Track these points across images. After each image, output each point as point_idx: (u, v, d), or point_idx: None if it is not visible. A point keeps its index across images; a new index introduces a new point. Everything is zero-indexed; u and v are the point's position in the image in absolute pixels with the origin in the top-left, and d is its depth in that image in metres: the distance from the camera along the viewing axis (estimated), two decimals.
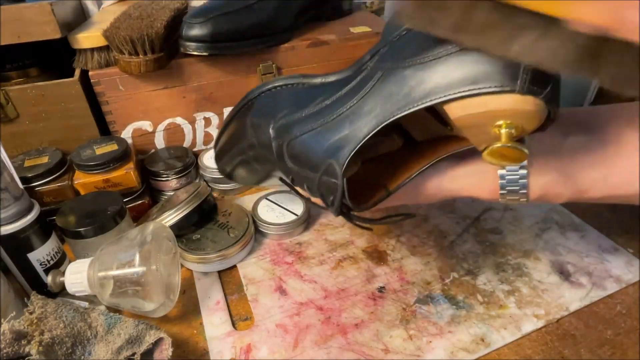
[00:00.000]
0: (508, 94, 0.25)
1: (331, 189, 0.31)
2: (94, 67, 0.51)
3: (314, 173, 0.32)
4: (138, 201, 0.50)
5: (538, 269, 0.43)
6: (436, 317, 0.38)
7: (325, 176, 0.31)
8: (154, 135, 0.56)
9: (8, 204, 0.35)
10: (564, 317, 0.38)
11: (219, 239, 0.44)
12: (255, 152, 0.40)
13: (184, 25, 0.49)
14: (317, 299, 0.40)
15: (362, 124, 0.30)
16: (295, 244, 0.47)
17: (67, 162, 0.49)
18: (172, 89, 0.53)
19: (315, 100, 0.35)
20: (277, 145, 0.36)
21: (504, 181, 0.32)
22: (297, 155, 0.34)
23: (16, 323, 0.30)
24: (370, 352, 0.35)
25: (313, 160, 0.32)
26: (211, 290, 0.42)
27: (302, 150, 0.34)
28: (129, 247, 0.36)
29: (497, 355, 0.35)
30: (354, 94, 0.32)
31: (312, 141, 0.33)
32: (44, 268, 0.39)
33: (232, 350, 0.36)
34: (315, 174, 0.32)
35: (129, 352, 0.31)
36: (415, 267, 0.44)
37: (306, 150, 0.33)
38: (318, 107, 0.34)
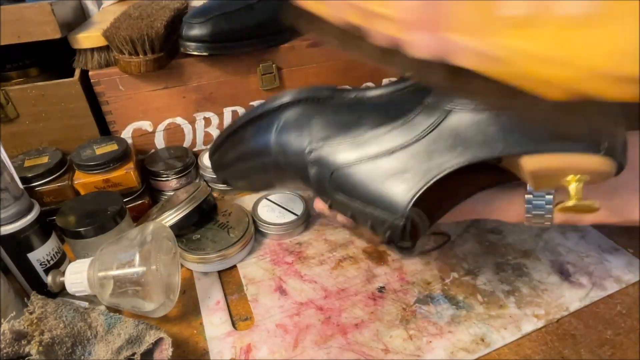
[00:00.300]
0: (591, 155, 0.26)
1: (386, 224, 0.31)
2: (94, 67, 0.51)
3: (365, 205, 0.32)
4: (138, 201, 0.50)
5: (538, 269, 0.43)
6: (436, 317, 0.38)
7: (381, 211, 0.31)
8: (154, 135, 0.56)
9: (8, 204, 0.35)
10: (564, 317, 0.38)
11: (219, 239, 0.44)
12: (280, 171, 0.38)
13: (184, 25, 0.49)
14: (317, 299, 0.40)
15: (429, 165, 0.30)
16: (295, 244, 0.47)
17: (67, 162, 0.49)
18: (172, 89, 0.53)
19: (362, 126, 0.33)
20: (317, 173, 0.34)
21: (531, 206, 0.32)
22: (345, 186, 0.33)
23: (16, 323, 0.30)
24: (370, 352, 0.35)
25: (366, 194, 0.32)
26: (211, 290, 0.42)
27: (352, 183, 0.32)
28: (129, 247, 0.36)
29: (497, 355, 0.35)
30: (415, 129, 0.31)
31: (365, 174, 0.32)
32: (44, 268, 0.39)
33: (232, 350, 0.36)
34: (366, 207, 0.31)
35: (129, 352, 0.31)
36: (415, 267, 0.44)
37: (358, 183, 0.32)
38: (368, 136, 0.33)
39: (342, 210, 0.35)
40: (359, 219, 0.33)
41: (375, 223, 0.32)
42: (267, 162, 0.38)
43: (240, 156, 0.40)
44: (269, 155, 0.37)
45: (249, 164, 0.40)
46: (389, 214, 0.31)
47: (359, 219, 0.33)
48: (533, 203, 0.32)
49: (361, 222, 0.33)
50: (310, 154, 0.35)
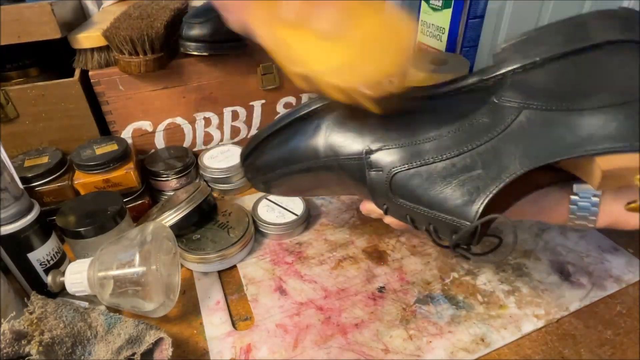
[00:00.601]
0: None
1: (455, 229, 0.30)
2: (94, 67, 0.51)
3: (428, 210, 0.31)
4: (138, 201, 0.50)
5: (538, 269, 0.43)
6: (436, 317, 0.38)
7: (448, 215, 0.30)
8: (154, 135, 0.56)
9: (8, 204, 0.35)
10: (564, 317, 0.38)
11: (219, 239, 0.44)
12: (329, 173, 0.36)
13: (184, 25, 0.49)
14: (317, 299, 0.40)
15: (500, 166, 0.29)
16: (295, 244, 0.47)
17: (67, 162, 0.49)
18: (172, 89, 0.53)
19: (422, 127, 0.32)
20: (376, 176, 0.33)
21: (576, 207, 0.32)
22: (406, 190, 0.32)
23: (16, 323, 0.30)
24: (370, 352, 0.35)
25: (431, 198, 0.31)
26: (211, 290, 0.42)
27: (415, 186, 0.31)
28: (129, 247, 0.36)
29: (497, 355, 0.35)
30: (483, 130, 0.30)
31: (430, 178, 0.31)
32: (44, 268, 0.39)
33: (232, 350, 0.36)
34: (430, 211, 0.31)
35: (129, 352, 0.31)
36: (415, 267, 0.44)
37: (421, 187, 0.31)
38: (430, 137, 0.31)
39: (400, 214, 0.33)
40: (420, 223, 0.32)
41: (441, 228, 0.31)
42: (315, 164, 0.36)
43: (282, 159, 0.38)
44: (316, 157, 0.35)
45: (293, 167, 0.37)
46: (457, 219, 0.29)
47: (420, 223, 0.32)
48: (578, 204, 0.32)
49: (422, 227, 0.32)
50: (368, 156, 0.33)
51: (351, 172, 0.34)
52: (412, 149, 0.32)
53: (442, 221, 0.30)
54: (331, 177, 0.36)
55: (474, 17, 0.67)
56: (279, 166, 0.38)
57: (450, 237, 0.30)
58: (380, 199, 0.34)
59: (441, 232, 0.31)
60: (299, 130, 0.36)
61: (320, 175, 0.37)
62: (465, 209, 0.29)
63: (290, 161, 0.37)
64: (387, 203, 0.33)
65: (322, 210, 0.52)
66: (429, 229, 0.32)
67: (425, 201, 0.31)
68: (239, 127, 0.59)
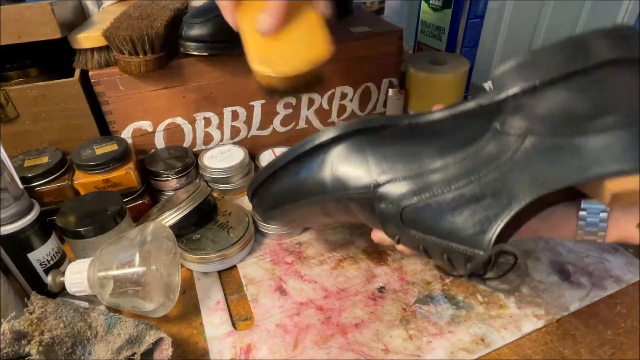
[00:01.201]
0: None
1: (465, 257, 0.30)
2: (94, 67, 0.51)
3: (441, 240, 0.31)
4: (138, 201, 0.50)
5: (538, 269, 0.43)
6: (436, 317, 0.38)
7: (461, 245, 0.30)
8: (154, 135, 0.56)
9: (8, 204, 0.35)
10: (564, 317, 0.38)
11: (219, 239, 0.44)
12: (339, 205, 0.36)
13: (184, 25, 0.49)
14: (317, 299, 0.40)
15: (510, 194, 0.29)
16: (295, 244, 0.47)
17: (67, 162, 0.49)
18: (172, 89, 0.53)
19: (427, 157, 0.32)
20: (385, 209, 0.33)
21: (584, 222, 0.32)
22: (418, 222, 0.32)
23: (16, 323, 0.30)
24: (370, 352, 0.35)
25: (442, 229, 0.31)
26: (211, 290, 0.42)
27: (426, 218, 0.31)
28: (129, 247, 0.36)
29: (497, 355, 0.35)
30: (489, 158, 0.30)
31: (440, 209, 0.31)
32: (44, 268, 0.39)
33: (232, 350, 0.36)
34: (442, 241, 0.31)
35: (129, 352, 0.31)
36: (415, 267, 0.44)
37: (432, 218, 0.31)
38: (436, 167, 0.32)
39: (414, 245, 0.33)
40: (433, 253, 0.32)
41: (455, 257, 0.31)
42: (325, 198, 0.36)
43: (290, 193, 0.38)
44: (324, 192, 0.35)
45: (302, 201, 0.37)
46: (471, 248, 0.29)
47: (433, 253, 0.32)
48: (587, 220, 0.32)
49: (436, 257, 0.32)
50: (377, 190, 0.33)
51: (360, 204, 0.34)
52: (420, 181, 0.32)
53: (455, 251, 0.30)
54: (340, 209, 0.36)
55: (474, 17, 0.67)
56: (287, 201, 0.38)
57: (464, 266, 0.30)
58: (392, 231, 0.34)
59: (455, 261, 0.31)
60: (305, 166, 0.36)
61: (329, 208, 0.37)
62: (478, 238, 0.29)
63: (298, 196, 0.37)
64: (399, 234, 0.33)
65: None
66: (443, 259, 0.32)
67: (437, 232, 0.31)
68: (239, 127, 0.59)
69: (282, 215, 0.41)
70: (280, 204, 0.39)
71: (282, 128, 0.62)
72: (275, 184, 0.39)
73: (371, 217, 0.34)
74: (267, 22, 0.36)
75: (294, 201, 0.38)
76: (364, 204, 0.34)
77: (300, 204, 0.38)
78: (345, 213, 0.37)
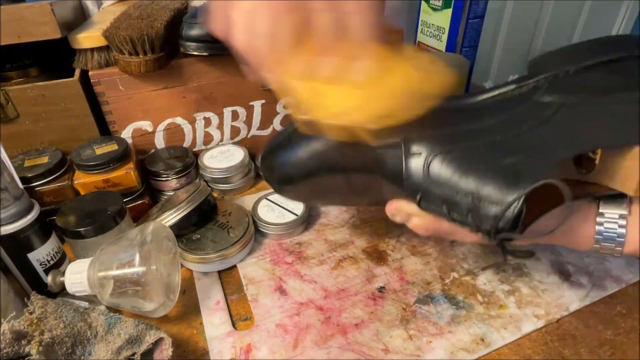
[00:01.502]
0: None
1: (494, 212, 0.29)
2: (94, 67, 0.51)
3: (468, 194, 0.30)
4: (138, 201, 0.50)
5: (538, 269, 0.43)
6: (436, 317, 0.38)
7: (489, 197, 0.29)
8: (154, 135, 0.56)
9: (8, 204, 0.35)
10: (564, 317, 0.38)
11: (219, 239, 0.44)
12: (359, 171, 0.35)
13: (184, 25, 0.49)
14: (317, 299, 0.40)
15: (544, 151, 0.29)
16: (295, 244, 0.47)
17: (67, 162, 0.49)
18: (172, 89, 0.53)
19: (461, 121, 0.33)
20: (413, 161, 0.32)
21: (602, 227, 0.32)
22: (446, 172, 0.31)
23: (16, 323, 0.30)
24: (370, 352, 0.35)
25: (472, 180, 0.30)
26: (211, 290, 0.42)
27: (456, 168, 0.31)
28: (129, 247, 0.36)
29: (497, 355, 0.35)
30: (524, 120, 0.31)
31: (471, 160, 0.31)
32: (44, 268, 0.39)
33: (232, 350, 0.36)
34: (471, 193, 0.30)
35: (129, 352, 0.31)
36: (415, 267, 0.44)
37: (462, 168, 0.31)
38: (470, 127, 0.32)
39: (436, 203, 0.32)
40: (457, 211, 0.31)
41: (483, 214, 0.30)
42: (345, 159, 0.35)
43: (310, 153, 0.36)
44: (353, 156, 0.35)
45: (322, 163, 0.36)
46: (503, 200, 0.29)
47: (457, 211, 0.31)
48: (605, 226, 0.32)
49: (459, 216, 0.31)
50: (408, 143, 0.33)
51: (384, 163, 0.34)
52: (454, 136, 0.32)
53: (484, 206, 0.30)
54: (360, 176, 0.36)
55: (474, 17, 0.67)
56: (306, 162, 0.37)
57: (493, 223, 0.30)
58: (416, 188, 0.33)
59: (482, 219, 0.30)
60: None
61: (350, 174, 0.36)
62: (510, 192, 0.29)
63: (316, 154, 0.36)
64: (423, 191, 0.33)
65: (322, 210, 0.52)
66: (467, 219, 0.31)
67: (466, 185, 0.30)
68: (239, 127, 0.59)
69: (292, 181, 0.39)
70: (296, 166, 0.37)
71: (282, 128, 0.62)
72: (294, 143, 0.37)
73: (392, 180, 0.34)
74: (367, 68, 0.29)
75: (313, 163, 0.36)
76: (389, 161, 0.33)
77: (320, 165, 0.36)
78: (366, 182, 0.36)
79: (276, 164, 0.39)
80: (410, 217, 0.35)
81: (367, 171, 0.35)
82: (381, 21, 0.30)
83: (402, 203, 0.35)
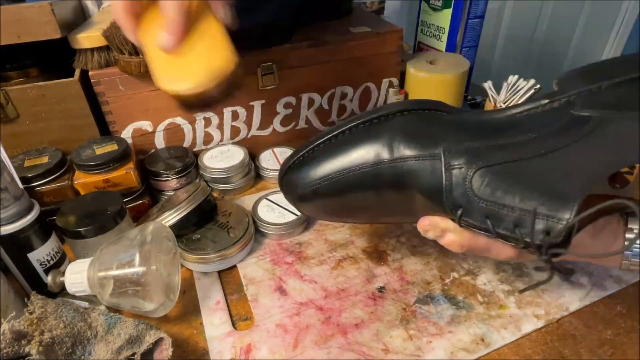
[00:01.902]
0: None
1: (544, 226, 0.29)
2: (94, 67, 0.51)
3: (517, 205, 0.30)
4: (138, 201, 0.50)
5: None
6: (436, 317, 0.38)
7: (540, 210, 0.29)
8: (154, 135, 0.56)
9: (8, 204, 0.35)
10: (564, 317, 0.38)
11: (219, 239, 0.44)
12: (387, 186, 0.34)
13: None
14: (317, 299, 0.40)
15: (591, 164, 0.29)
16: (295, 244, 0.47)
17: (67, 162, 0.49)
18: None
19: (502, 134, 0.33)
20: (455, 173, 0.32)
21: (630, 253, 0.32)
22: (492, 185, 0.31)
23: (16, 323, 0.30)
24: (370, 352, 0.35)
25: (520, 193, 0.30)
26: (211, 290, 0.42)
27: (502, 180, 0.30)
28: (129, 247, 0.36)
29: (497, 355, 0.35)
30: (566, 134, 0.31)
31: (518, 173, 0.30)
32: (44, 268, 0.39)
33: (232, 350, 0.36)
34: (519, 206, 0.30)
35: (129, 352, 0.31)
36: (415, 267, 0.44)
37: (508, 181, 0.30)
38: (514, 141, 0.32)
39: (479, 217, 0.31)
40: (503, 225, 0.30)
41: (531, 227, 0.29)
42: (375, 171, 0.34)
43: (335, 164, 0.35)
44: (379, 162, 0.34)
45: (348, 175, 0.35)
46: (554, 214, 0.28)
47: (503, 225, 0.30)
48: (633, 251, 0.31)
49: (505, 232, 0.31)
50: (448, 153, 0.32)
51: (418, 176, 0.33)
52: (493, 149, 0.32)
53: (533, 220, 0.29)
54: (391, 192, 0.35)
55: (474, 17, 0.67)
56: (330, 175, 0.35)
57: (544, 238, 0.29)
58: (457, 202, 0.32)
59: (531, 234, 0.30)
60: (357, 135, 0.35)
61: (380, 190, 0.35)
62: (562, 206, 0.28)
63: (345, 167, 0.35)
64: (465, 205, 0.32)
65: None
66: (514, 234, 0.30)
67: (512, 199, 0.30)
68: (239, 127, 0.59)
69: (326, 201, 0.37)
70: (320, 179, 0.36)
71: (282, 128, 0.62)
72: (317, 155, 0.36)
73: (430, 191, 0.33)
74: (166, 39, 0.35)
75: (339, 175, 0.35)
76: (424, 174, 0.33)
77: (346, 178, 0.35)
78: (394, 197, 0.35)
79: (300, 178, 0.37)
80: (445, 233, 0.34)
81: (401, 186, 0.34)
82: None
83: (437, 219, 0.34)
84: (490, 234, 0.31)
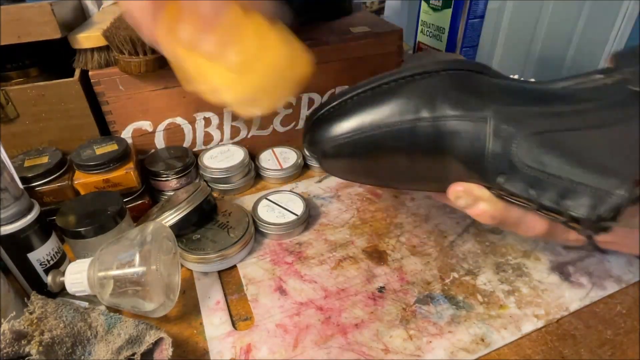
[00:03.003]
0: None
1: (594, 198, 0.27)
2: (94, 67, 0.51)
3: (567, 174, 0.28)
4: (138, 201, 0.50)
5: (538, 269, 0.43)
6: (436, 317, 0.38)
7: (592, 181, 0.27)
8: (154, 135, 0.56)
9: (8, 204, 0.35)
10: (564, 317, 0.38)
11: (219, 239, 0.44)
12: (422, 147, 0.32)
13: None
14: (317, 299, 0.40)
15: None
16: (295, 244, 0.47)
17: (67, 162, 0.49)
18: (172, 89, 0.53)
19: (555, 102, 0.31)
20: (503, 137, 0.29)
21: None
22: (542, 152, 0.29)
23: (16, 323, 0.30)
24: (370, 352, 0.35)
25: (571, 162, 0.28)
26: (211, 290, 0.42)
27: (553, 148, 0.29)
28: (129, 247, 0.36)
29: (497, 355, 0.35)
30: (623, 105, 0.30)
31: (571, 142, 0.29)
32: (44, 268, 0.39)
33: (232, 350, 0.36)
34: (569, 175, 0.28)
35: (129, 352, 0.31)
36: (415, 267, 0.44)
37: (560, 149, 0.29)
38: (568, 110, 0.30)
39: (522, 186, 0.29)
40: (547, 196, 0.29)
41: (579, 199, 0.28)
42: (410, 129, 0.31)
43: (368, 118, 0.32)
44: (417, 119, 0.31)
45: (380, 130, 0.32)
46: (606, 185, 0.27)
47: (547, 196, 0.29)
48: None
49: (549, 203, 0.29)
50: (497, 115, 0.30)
51: (459, 138, 0.30)
52: (549, 114, 0.30)
53: (584, 190, 0.28)
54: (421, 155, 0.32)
55: (474, 17, 0.67)
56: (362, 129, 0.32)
57: (589, 211, 0.27)
58: (500, 168, 0.30)
59: (576, 206, 0.28)
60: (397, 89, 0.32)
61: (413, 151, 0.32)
62: (616, 179, 0.27)
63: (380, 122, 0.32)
64: (509, 172, 0.30)
65: (322, 210, 0.52)
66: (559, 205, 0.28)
67: (561, 169, 0.28)
68: (239, 127, 0.59)
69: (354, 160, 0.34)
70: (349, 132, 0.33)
71: (282, 128, 0.62)
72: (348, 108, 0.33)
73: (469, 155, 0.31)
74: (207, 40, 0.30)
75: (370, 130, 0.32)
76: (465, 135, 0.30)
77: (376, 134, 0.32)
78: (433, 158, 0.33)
79: (327, 132, 0.34)
80: (477, 201, 0.32)
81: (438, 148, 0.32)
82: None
83: (472, 186, 0.32)
84: (531, 205, 0.29)
